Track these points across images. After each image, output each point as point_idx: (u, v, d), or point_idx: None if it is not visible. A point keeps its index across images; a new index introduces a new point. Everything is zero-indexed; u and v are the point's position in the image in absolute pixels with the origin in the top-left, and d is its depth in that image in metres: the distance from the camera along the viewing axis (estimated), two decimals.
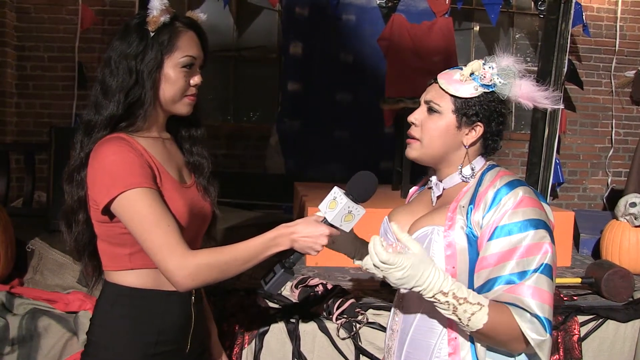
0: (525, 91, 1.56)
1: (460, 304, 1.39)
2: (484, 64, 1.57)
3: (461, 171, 1.60)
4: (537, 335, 1.39)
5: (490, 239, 1.46)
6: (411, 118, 1.63)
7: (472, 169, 1.60)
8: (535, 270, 1.42)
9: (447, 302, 1.39)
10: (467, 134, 1.58)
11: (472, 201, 1.53)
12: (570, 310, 2.72)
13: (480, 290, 1.47)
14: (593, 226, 4.05)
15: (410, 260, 1.37)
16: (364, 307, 2.55)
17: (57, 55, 5.71)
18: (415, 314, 1.60)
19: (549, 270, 1.43)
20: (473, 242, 1.50)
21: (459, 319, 1.40)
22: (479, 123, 1.57)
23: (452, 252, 1.51)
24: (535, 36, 6.76)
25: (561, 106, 1.63)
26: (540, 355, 1.41)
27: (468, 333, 1.46)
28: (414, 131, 1.62)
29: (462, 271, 1.51)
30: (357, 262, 1.82)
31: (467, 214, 1.52)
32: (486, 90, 1.55)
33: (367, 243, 1.66)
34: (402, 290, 1.69)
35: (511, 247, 1.43)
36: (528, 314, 1.39)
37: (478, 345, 1.49)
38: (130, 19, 1.67)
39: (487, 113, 1.56)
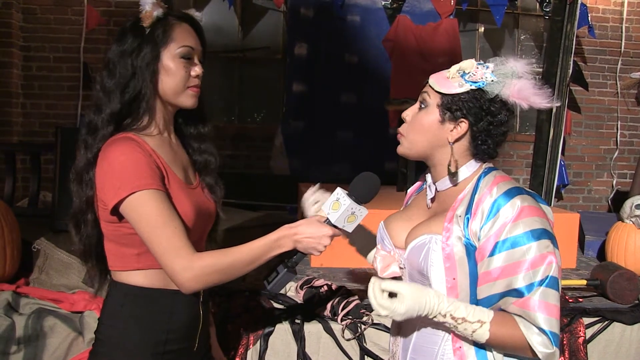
0: (519, 92, 1.52)
1: (459, 324, 1.42)
2: (479, 63, 1.55)
3: (449, 172, 1.56)
4: (544, 348, 1.40)
5: (492, 254, 1.45)
6: (403, 114, 1.63)
7: (458, 173, 1.56)
8: (541, 283, 1.41)
9: (447, 322, 1.43)
10: (451, 130, 1.54)
11: (469, 210, 1.50)
12: (576, 312, 2.72)
13: (485, 303, 1.47)
14: (598, 228, 4.04)
15: (409, 293, 1.42)
16: (369, 308, 2.55)
17: (62, 55, 5.73)
18: (417, 319, 1.58)
19: (554, 282, 1.42)
20: (471, 252, 1.49)
21: (463, 334, 1.45)
22: (463, 119, 1.53)
23: (452, 264, 1.49)
24: (540, 37, 6.75)
25: (556, 104, 1.61)
26: None
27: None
28: (402, 127, 1.63)
29: (462, 282, 1.50)
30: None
31: (465, 223, 1.50)
32: (472, 87, 1.52)
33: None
34: None
35: (515, 260, 1.42)
36: (535, 328, 1.40)
37: (494, 352, 1.50)
38: (125, 22, 1.70)
39: (473, 110, 1.52)
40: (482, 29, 6.67)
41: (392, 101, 4.47)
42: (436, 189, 1.62)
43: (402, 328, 1.64)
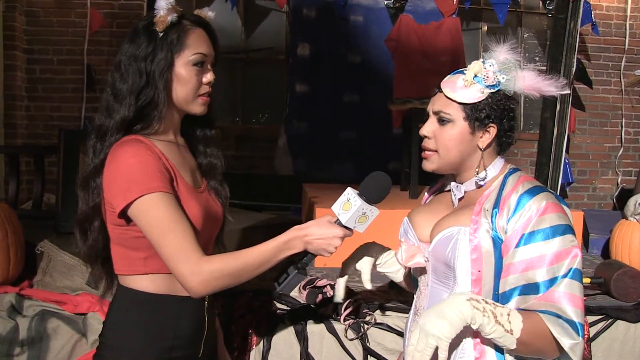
0: (529, 82, 1.56)
1: (494, 308, 1.39)
2: (483, 62, 1.56)
3: (477, 175, 1.59)
4: (569, 339, 1.39)
5: (517, 246, 1.46)
6: (423, 131, 1.62)
7: (486, 172, 1.58)
8: (565, 276, 1.42)
9: (484, 308, 1.38)
10: (481, 137, 1.57)
11: (497, 205, 1.52)
12: None
13: (507, 296, 1.47)
14: (602, 226, 4.03)
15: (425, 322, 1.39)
16: (372, 308, 2.55)
17: (66, 58, 5.75)
18: None
19: (578, 275, 1.44)
20: (498, 246, 1.50)
21: (502, 326, 1.38)
22: (492, 124, 1.56)
23: (478, 256, 1.51)
24: (543, 35, 6.74)
25: (568, 91, 1.62)
26: (573, 357, 1.41)
27: (513, 347, 1.41)
28: (428, 143, 1.61)
29: (487, 275, 1.51)
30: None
31: (492, 217, 1.51)
32: (492, 91, 1.54)
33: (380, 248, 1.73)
34: (423, 291, 1.69)
35: (540, 254, 1.44)
36: (560, 319, 1.39)
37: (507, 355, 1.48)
38: (138, 21, 1.66)
39: (498, 113, 1.55)
40: (485, 28, 6.66)
41: (395, 101, 4.46)
42: (464, 189, 1.63)
43: None
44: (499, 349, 1.49)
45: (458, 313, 1.37)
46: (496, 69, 1.54)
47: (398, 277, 1.87)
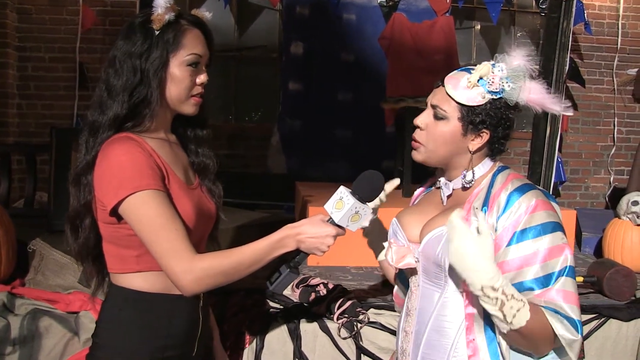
0: (534, 96, 1.54)
1: (507, 300, 1.37)
2: (493, 65, 1.53)
3: (464, 176, 1.59)
4: (569, 334, 1.40)
5: (509, 244, 1.46)
6: (417, 121, 1.61)
7: (474, 174, 1.58)
8: (561, 274, 1.43)
9: (496, 297, 1.37)
10: (472, 140, 1.56)
11: (486, 203, 1.52)
12: None
13: None
14: (595, 225, 4.04)
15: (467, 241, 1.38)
16: (365, 307, 2.55)
17: (58, 55, 5.73)
18: (430, 314, 1.59)
19: (572, 272, 1.45)
20: None
21: (504, 315, 1.38)
22: (485, 130, 1.55)
23: None
24: (536, 34, 6.76)
25: (571, 113, 1.61)
26: (571, 354, 1.42)
27: (504, 332, 1.41)
28: (418, 135, 1.61)
29: None
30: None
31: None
32: (494, 97, 1.53)
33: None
34: (414, 292, 1.68)
35: (533, 251, 1.44)
36: (559, 315, 1.41)
37: (502, 343, 1.48)
38: (134, 17, 1.65)
39: (495, 120, 1.54)
40: (478, 27, 6.66)
41: (388, 99, 4.46)
42: (453, 187, 1.63)
43: (414, 323, 1.63)
44: (493, 347, 1.49)
45: (471, 279, 1.37)
46: (504, 75, 1.52)
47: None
